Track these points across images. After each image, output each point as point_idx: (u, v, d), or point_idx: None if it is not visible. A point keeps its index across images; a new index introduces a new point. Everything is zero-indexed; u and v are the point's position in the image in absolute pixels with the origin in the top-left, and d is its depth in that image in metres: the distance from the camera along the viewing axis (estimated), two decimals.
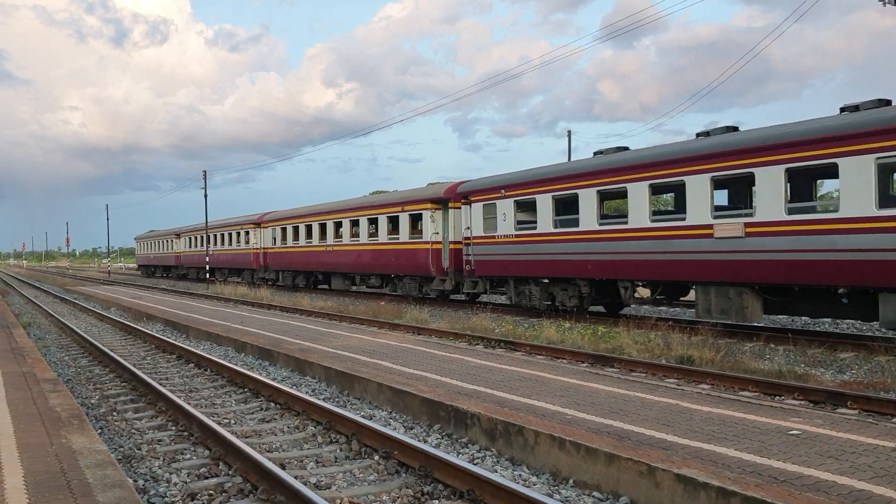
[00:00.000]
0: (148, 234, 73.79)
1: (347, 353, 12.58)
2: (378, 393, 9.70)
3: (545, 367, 11.04)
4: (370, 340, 14.50)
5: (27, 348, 14.18)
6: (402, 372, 10.54)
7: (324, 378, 11.29)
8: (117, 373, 12.49)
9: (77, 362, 14.26)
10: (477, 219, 23.77)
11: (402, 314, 23.13)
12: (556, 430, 6.84)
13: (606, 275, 19.16)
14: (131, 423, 8.94)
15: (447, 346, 14.21)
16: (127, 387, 11.30)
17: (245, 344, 14.78)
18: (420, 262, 26.84)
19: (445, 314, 23.91)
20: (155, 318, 22.06)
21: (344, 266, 33.37)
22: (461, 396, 8.63)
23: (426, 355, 12.31)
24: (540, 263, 21.19)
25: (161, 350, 15.63)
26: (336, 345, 13.85)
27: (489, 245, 23.22)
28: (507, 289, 23.32)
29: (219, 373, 12.14)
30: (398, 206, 28.53)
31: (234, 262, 46.91)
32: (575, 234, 19.82)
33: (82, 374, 12.69)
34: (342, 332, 16.39)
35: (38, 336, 18.97)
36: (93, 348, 15.56)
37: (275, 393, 9.98)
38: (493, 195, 23.06)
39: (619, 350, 15.23)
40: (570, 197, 20.18)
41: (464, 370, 10.66)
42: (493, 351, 14.40)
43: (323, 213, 35.50)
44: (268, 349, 13.68)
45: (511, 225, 22.26)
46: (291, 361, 12.57)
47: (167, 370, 13.05)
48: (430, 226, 26.32)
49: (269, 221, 41.66)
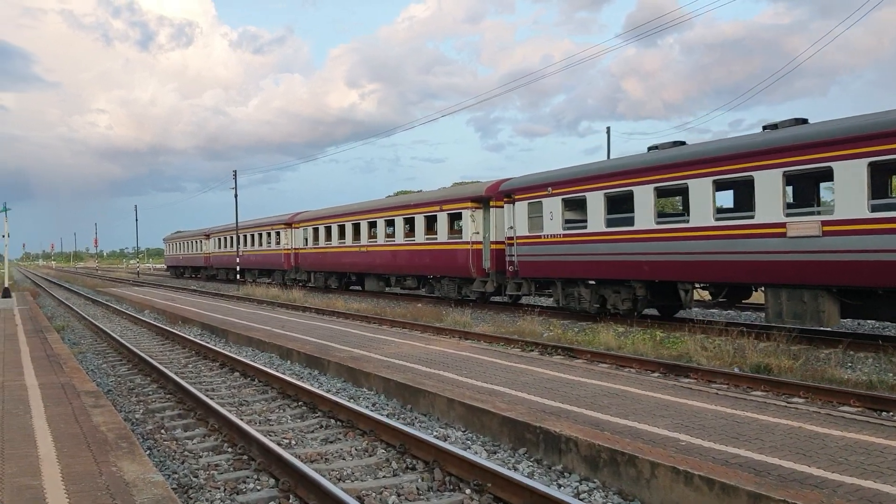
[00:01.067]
0: (177, 235, 73.67)
1: (403, 363, 11.72)
2: (448, 409, 8.82)
3: (625, 380, 10.09)
4: (423, 348, 13.64)
5: (63, 355, 13.50)
6: (470, 385, 9.65)
7: (382, 390, 10.44)
8: (160, 383, 11.73)
9: (116, 370, 13.54)
10: (521, 218, 22.84)
11: (443, 317, 22.28)
12: (678, 462, 5.91)
13: (664, 276, 18.15)
14: (182, 443, 8.14)
15: (505, 353, 13.32)
16: (172, 399, 10.52)
17: (291, 351, 13.98)
18: (460, 263, 25.96)
19: (487, 317, 23.03)
20: (191, 322, 21.38)
21: (378, 267, 32.58)
22: (547, 416, 7.72)
23: (489, 365, 11.41)
24: (590, 264, 20.21)
25: (202, 357, 14.89)
26: (388, 352, 13.00)
27: (535, 245, 22.28)
28: (554, 291, 22.35)
29: (268, 383, 11.34)
30: (436, 206, 27.66)
31: (264, 262, 46.35)
32: (629, 234, 18.82)
33: (123, 385, 11.94)
34: (391, 337, 15.54)
35: (73, 341, 18.34)
36: (131, 354, 14.86)
37: (334, 408, 9.14)
38: (538, 193, 22.11)
39: (685, 357, 14.26)
40: (623, 194, 19.19)
41: (537, 383, 9.75)
42: (550, 358, 13.50)
43: (357, 212, 34.73)
44: (316, 357, 12.85)
45: (559, 224, 21.31)
46: (343, 371, 11.73)
47: (211, 379, 12.27)
48: (470, 225, 25.42)
49: (301, 222, 41.00)
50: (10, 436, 7.37)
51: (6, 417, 8.21)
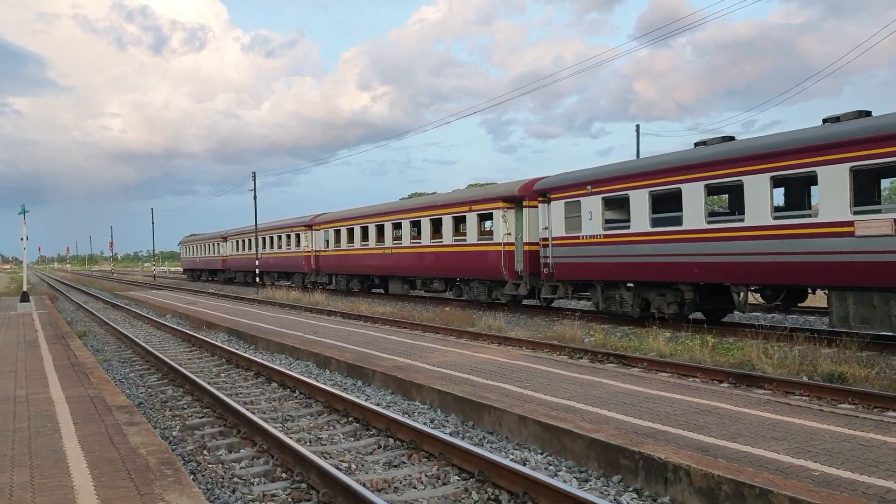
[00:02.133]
0: (193, 238, 73.18)
1: (455, 373, 10.86)
2: (520, 428, 7.94)
3: (711, 394, 9.17)
4: (471, 356, 12.76)
5: (88, 364, 12.73)
6: (538, 399, 8.77)
7: (437, 403, 9.57)
8: (195, 395, 10.91)
9: (145, 380, 12.74)
10: (557, 218, 21.93)
11: (474, 321, 21.40)
12: (826, 499, 5.01)
13: (716, 278, 17.20)
14: (229, 467, 7.29)
15: (558, 361, 12.43)
16: (211, 414, 9.70)
17: (329, 359, 13.14)
18: (491, 266, 25.08)
19: (520, 321, 22.15)
20: (216, 327, 20.60)
21: (403, 269, 31.75)
22: (642, 438, 6.83)
23: (550, 376, 10.53)
24: (633, 266, 19.28)
25: (234, 365, 14.08)
26: (435, 361, 12.14)
27: (572, 246, 21.36)
28: (593, 294, 21.43)
29: (311, 395, 10.49)
30: (465, 206, 26.79)
31: (283, 265, 45.62)
32: (677, 234, 17.88)
33: (155, 397, 11.14)
34: (432, 344, 14.68)
35: (96, 347, 17.59)
36: (159, 362, 14.08)
37: (391, 425, 8.28)
38: (576, 192, 21.20)
39: (747, 365, 13.33)
40: (670, 192, 18.25)
41: (613, 397, 8.86)
42: (603, 366, 12.60)
43: (380, 214, 33.92)
44: (358, 366, 12.00)
45: (598, 224, 20.39)
46: (391, 382, 10.87)
47: (249, 391, 11.45)
48: (501, 226, 24.53)
49: (322, 223, 40.24)
50: (40, 461, 6.56)
51: (34, 437, 7.40)
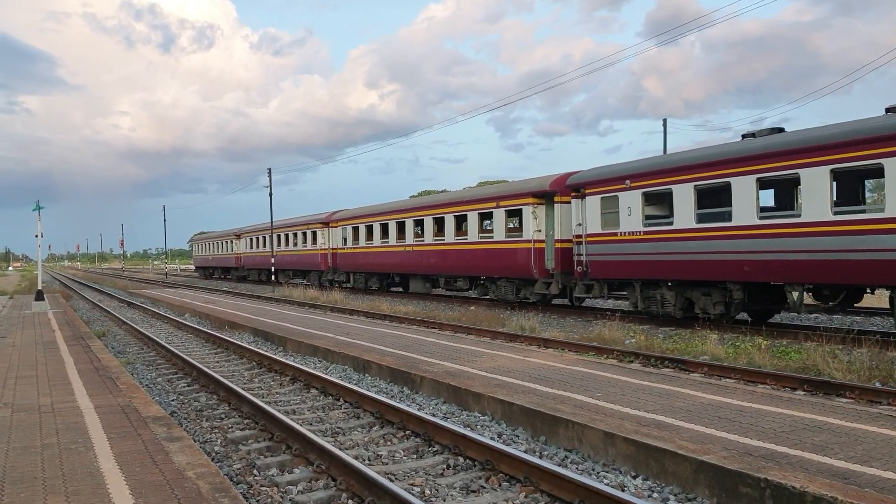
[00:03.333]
0: (206, 236, 72.53)
1: (513, 380, 10.01)
2: (605, 446, 7.08)
3: (812, 407, 8.28)
4: (523, 361, 11.90)
5: (113, 368, 11.93)
6: (620, 413, 7.91)
7: (500, 415, 8.72)
8: (230, 402, 10.09)
9: (174, 386, 11.93)
10: (593, 214, 21.05)
11: (504, 321, 20.56)
12: None
13: (769, 278, 16.30)
14: (285, 491, 6.46)
15: (615, 366, 11.55)
16: (253, 425, 8.87)
17: (368, 363, 12.30)
18: (520, 264, 24.20)
19: (553, 321, 21.29)
20: (240, 327, 19.79)
21: (425, 267, 30.89)
22: (760, 460, 5.97)
23: (618, 384, 9.66)
24: (676, 264, 18.38)
25: (266, 368, 13.26)
26: (485, 366, 11.29)
27: (609, 244, 20.47)
28: (631, 293, 20.53)
29: (358, 404, 9.65)
30: (492, 202, 25.91)
31: (299, 263, 44.85)
32: (726, 230, 16.98)
33: (188, 405, 10.32)
34: (477, 347, 13.81)
35: (118, 349, 16.81)
36: (186, 365, 13.28)
37: (459, 441, 7.43)
38: (614, 187, 20.30)
39: (812, 370, 12.46)
40: (718, 186, 17.35)
41: (703, 410, 7.98)
42: (657, 370, 11.76)
43: (401, 210, 33.08)
44: (403, 371, 11.15)
45: (638, 220, 19.49)
46: (443, 389, 10.02)
47: (288, 398, 10.62)
48: (531, 223, 23.65)
49: (339, 220, 39.43)
50: (76, 486, 5.74)
51: (66, 456, 6.59)
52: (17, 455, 6.64)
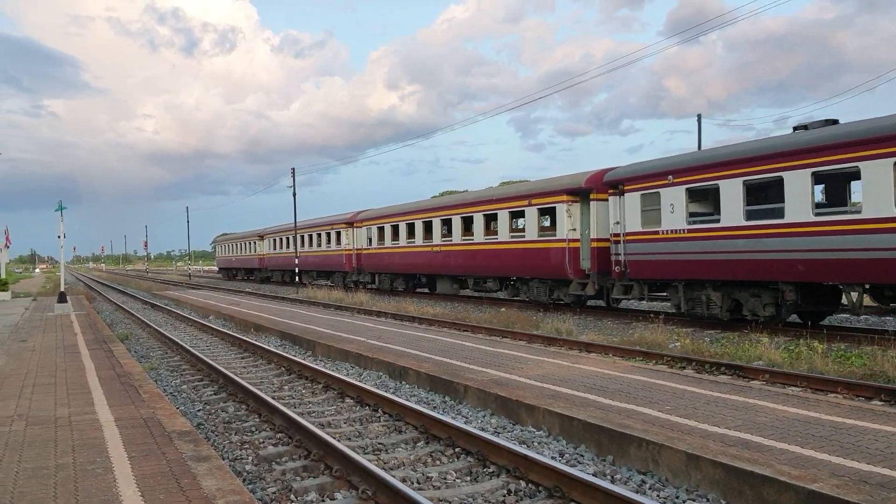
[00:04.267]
0: (228, 237, 72.30)
1: (566, 390, 9.18)
2: (689, 469, 6.24)
3: None
4: (573, 368, 11.06)
5: (136, 374, 11.25)
6: (697, 430, 7.06)
7: (558, 430, 7.89)
8: (261, 413, 9.35)
9: (200, 394, 11.22)
10: (632, 211, 20.14)
11: (537, 324, 19.71)
12: None
13: (825, 278, 15.34)
14: None
15: (684, 376, 10.67)
16: (286, 440, 8.11)
17: (405, 370, 11.52)
18: (553, 264, 23.33)
19: (589, 323, 20.42)
20: (267, 330, 19.11)
21: (453, 268, 30.10)
22: (882, 491, 5.11)
23: (685, 395, 8.79)
24: (723, 264, 17.42)
25: (297, 375, 12.52)
26: (533, 374, 10.46)
27: (650, 242, 19.56)
28: (673, 294, 19.61)
29: (399, 416, 8.86)
30: (524, 200, 25.05)
31: (323, 264, 44.25)
32: (778, 228, 16.02)
33: (215, 416, 9.59)
34: (519, 352, 12.98)
35: (141, 353, 16.19)
36: (212, 371, 12.59)
37: (519, 463, 6.61)
38: (655, 182, 19.38)
39: (881, 376, 11.53)
40: (769, 181, 16.40)
41: (791, 427, 7.09)
42: (713, 377, 10.86)
43: (428, 209, 32.32)
44: (444, 379, 10.36)
45: (681, 217, 18.56)
46: (491, 400, 9.21)
47: (321, 408, 9.86)
48: (566, 221, 22.76)
49: (364, 220, 38.75)
50: None
51: (81, 480, 5.87)
52: (27, 478, 5.93)
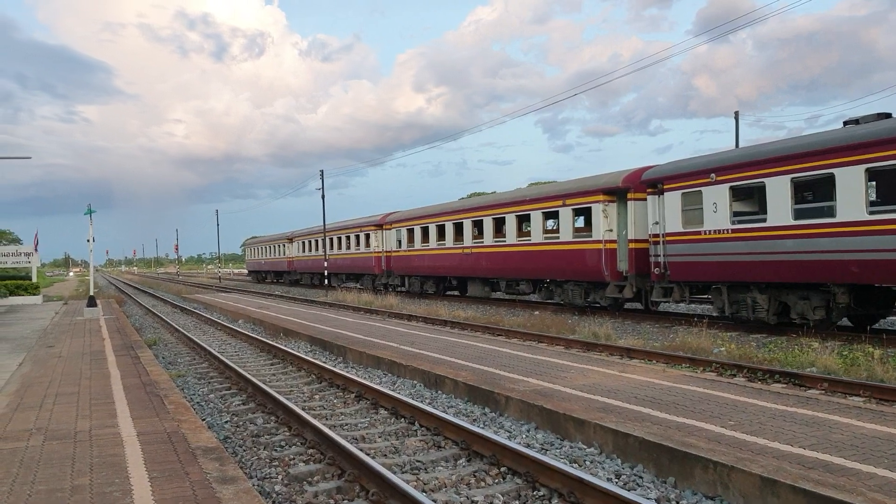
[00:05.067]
0: (258, 240, 72.42)
1: (617, 402, 8.55)
2: (766, 495, 5.58)
3: None
4: (620, 377, 10.41)
5: (162, 383, 10.83)
6: (768, 449, 6.40)
7: (612, 448, 7.26)
8: (291, 426, 8.84)
9: (227, 404, 10.76)
10: (672, 211, 19.40)
11: (573, 328, 19.04)
12: None
13: (881, 279, 14.51)
14: None
15: (743, 387, 9.97)
16: (318, 456, 7.58)
17: (441, 379, 10.96)
18: (589, 266, 22.64)
19: (627, 328, 19.69)
20: (296, 335, 18.68)
21: (484, 270, 29.52)
22: None
23: (747, 408, 8.12)
24: (770, 265, 16.64)
25: (328, 383, 12.02)
26: (579, 384, 9.84)
27: (691, 243, 18.81)
28: (716, 297, 18.84)
29: (438, 430, 8.30)
30: (558, 200, 24.39)
31: (352, 266, 43.90)
32: (829, 227, 15.23)
33: (243, 428, 9.11)
34: (561, 359, 12.35)
35: (169, 359, 15.83)
36: (240, 379, 12.14)
37: (574, 487, 6.01)
38: (697, 181, 18.63)
39: None
40: (819, 179, 15.61)
41: (873, 447, 6.39)
42: (766, 386, 10.17)
43: (459, 211, 31.76)
44: (484, 389, 9.77)
45: (725, 217, 17.80)
46: (535, 413, 8.61)
47: (354, 420, 9.33)
48: (602, 221, 22.07)
49: (393, 223, 38.31)
50: None
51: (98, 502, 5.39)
52: (39, 501, 5.47)
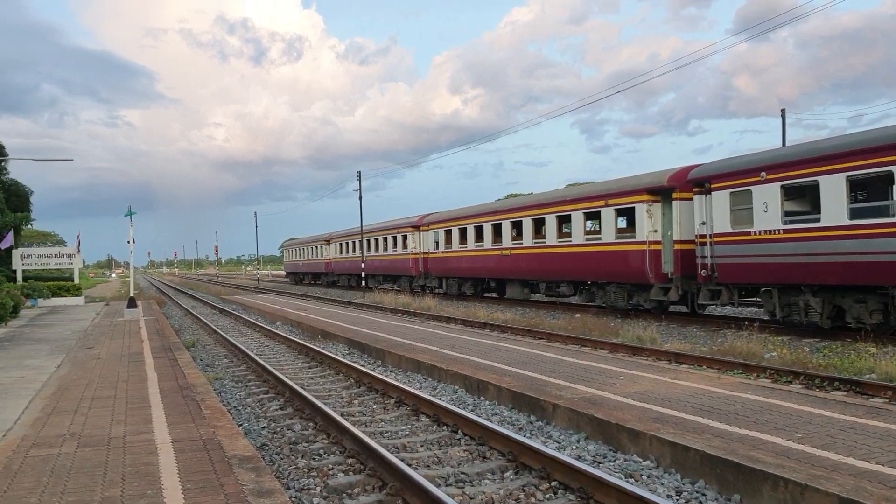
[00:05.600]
0: (295, 241, 72.79)
1: (671, 412, 8.07)
2: None
3: None
4: (672, 384, 9.92)
5: (199, 386, 10.62)
6: (843, 465, 5.89)
7: (669, 461, 6.80)
8: (330, 433, 8.53)
9: (265, 409, 10.51)
10: (721, 211, 18.75)
11: (616, 331, 18.50)
12: None
13: None
14: None
15: (802, 395, 9.41)
16: (358, 466, 7.25)
17: (484, 384, 10.56)
18: (632, 267, 22.05)
19: (672, 331, 19.10)
20: (334, 337, 18.45)
21: (524, 272, 29.04)
22: None
23: (813, 419, 7.57)
24: (824, 266, 15.94)
25: (367, 388, 11.72)
26: (629, 391, 9.38)
27: (741, 244, 18.15)
28: (766, 300, 18.17)
29: (482, 440, 7.91)
30: (600, 200, 23.83)
31: (389, 268, 43.71)
32: (888, 227, 14.51)
33: (280, 435, 8.82)
34: (609, 365, 11.87)
35: (206, 361, 15.70)
36: (278, 383, 11.89)
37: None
38: (746, 179, 17.98)
39: None
40: (877, 176, 14.89)
41: None
42: (826, 394, 9.58)
43: (497, 212, 31.33)
44: (529, 396, 9.35)
45: (776, 217, 17.12)
46: (584, 422, 8.17)
47: (395, 427, 8.99)
48: (646, 222, 21.47)
49: (431, 224, 38.01)
50: None
51: None
52: None
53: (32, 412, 9.06)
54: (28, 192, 48.05)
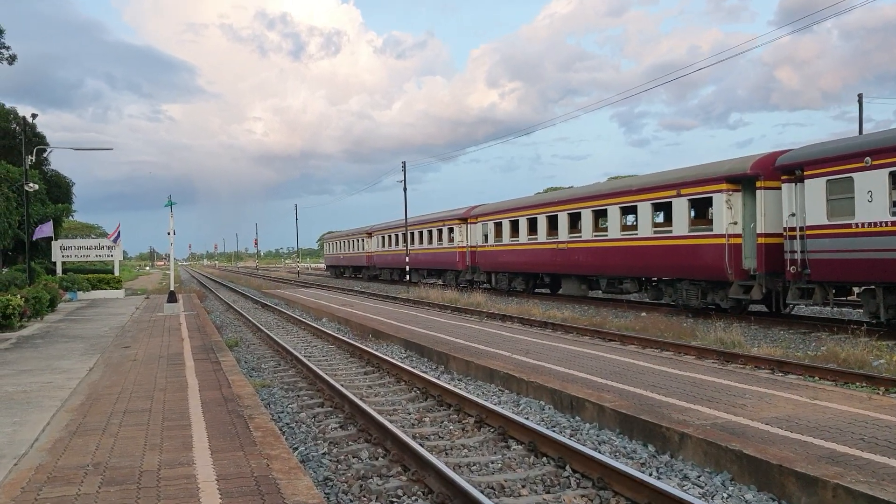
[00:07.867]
0: (336, 234, 71.72)
1: (842, 448, 6.35)
2: None
3: None
4: (814, 406, 8.16)
5: (246, 398, 9.18)
6: None
7: None
8: (405, 465, 7.00)
9: (322, 427, 8.99)
10: (815, 201, 16.83)
11: (695, 332, 16.72)
12: None
13: None
14: None
15: None
16: None
17: (579, 401, 8.93)
18: (708, 263, 20.19)
19: (756, 333, 17.30)
20: (387, 337, 16.96)
21: (582, 267, 27.25)
22: None
23: None
24: None
25: (435, 401, 10.16)
26: (768, 416, 7.65)
27: (839, 238, 16.23)
28: (867, 299, 16.25)
29: (604, 483, 6.29)
30: (671, 190, 21.96)
31: (434, 262, 42.23)
32: None
33: (346, 465, 7.28)
34: (719, 378, 10.11)
35: (251, 364, 14.32)
36: (334, 393, 10.41)
37: None
38: (847, 165, 16.04)
39: None
40: None
41: None
42: None
43: (552, 202, 29.59)
44: (640, 420, 7.71)
45: (884, 207, 15.20)
46: (727, 459, 6.49)
47: (482, 457, 7.39)
48: (725, 213, 19.59)
49: (479, 216, 36.38)
50: None
51: None
52: None
53: (54, 430, 7.70)
54: (70, 184, 47.56)
